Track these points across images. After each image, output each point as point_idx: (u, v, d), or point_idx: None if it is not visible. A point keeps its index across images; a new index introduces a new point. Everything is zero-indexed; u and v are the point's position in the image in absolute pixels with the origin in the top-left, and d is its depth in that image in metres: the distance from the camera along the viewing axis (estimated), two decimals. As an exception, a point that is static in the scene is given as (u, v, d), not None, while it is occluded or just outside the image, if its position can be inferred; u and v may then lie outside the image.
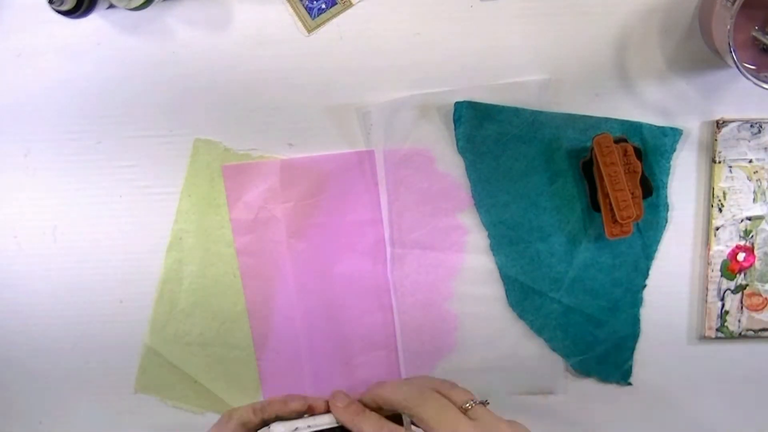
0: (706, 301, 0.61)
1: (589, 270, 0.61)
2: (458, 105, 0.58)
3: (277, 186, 0.60)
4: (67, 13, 0.52)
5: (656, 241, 0.60)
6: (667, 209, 0.60)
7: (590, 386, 0.64)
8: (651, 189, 0.59)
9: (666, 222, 0.60)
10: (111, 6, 0.54)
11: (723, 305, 0.61)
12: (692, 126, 0.59)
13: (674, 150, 0.59)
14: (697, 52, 0.58)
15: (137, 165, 0.61)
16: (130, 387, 0.65)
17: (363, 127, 0.60)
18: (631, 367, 0.63)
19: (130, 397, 0.65)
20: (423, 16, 0.58)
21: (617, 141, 0.57)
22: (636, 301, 0.62)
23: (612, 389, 0.64)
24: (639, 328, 0.62)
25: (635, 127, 0.58)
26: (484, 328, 0.63)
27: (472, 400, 0.53)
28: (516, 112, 0.58)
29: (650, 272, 0.61)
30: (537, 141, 0.59)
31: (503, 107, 0.58)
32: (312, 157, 0.60)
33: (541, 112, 0.58)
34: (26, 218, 0.62)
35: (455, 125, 0.59)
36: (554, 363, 0.63)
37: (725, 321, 0.62)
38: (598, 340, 0.62)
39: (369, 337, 0.63)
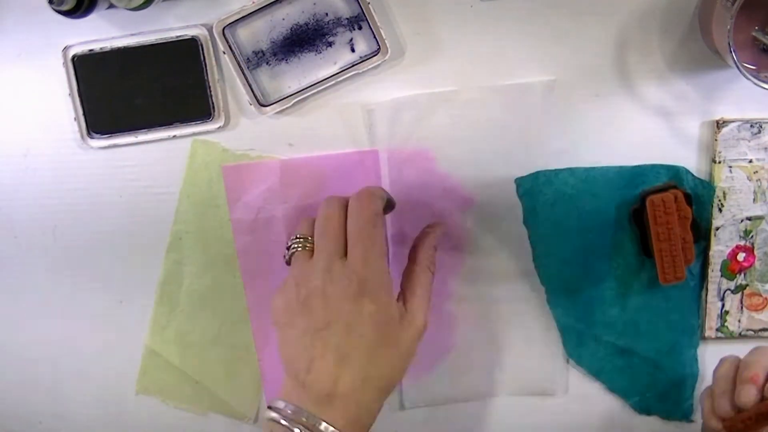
0: (706, 301, 0.61)
1: (642, 313, 0.61)
2: (521, 180, 0.58)
3: (277, 186, 0.60)
4: (67, 13, 0.52)
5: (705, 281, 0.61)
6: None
7: (591, 388, 0.63)
8: (702, 233, 0.59)
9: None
10: (111, 6, 0.53)
11: (723, 305, 0.61)
12: (692, 126, 0.59)
13: (711, 204, 0.59)
14: (697, 52, 0.57)
15: (137, 165, 0.61)
16: (131, 388, 0.65)
17: (366, 126, 0.59)
18: (692, 405, 0.63)
19: (132, 399, 0.65)
20: (423, 15, 0.58)
21: (665, 189, 0.57)
22: (693, 342, 0.62)
23: (612, 389, 0.64)
24: (698, 367, 0.62)
25: (680, 174, 0.59)
26: (484, 328, 0.63)
27: None
28: (571, 172, 0.59)
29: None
30: (589, 196, 0.59)
31: (559, 171, 0.59)
32: (313, 156, 0.60)
33: (593, 168, 0.59)
34: (26, 218, 0.62)
35: (521, 200, 0.59)
36: (555, 364, 0.63)
37: (725, 321, 0.62)
38: (657, 381, 0.61)
39: None
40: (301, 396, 0.47)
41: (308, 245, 0.51)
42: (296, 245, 0.52)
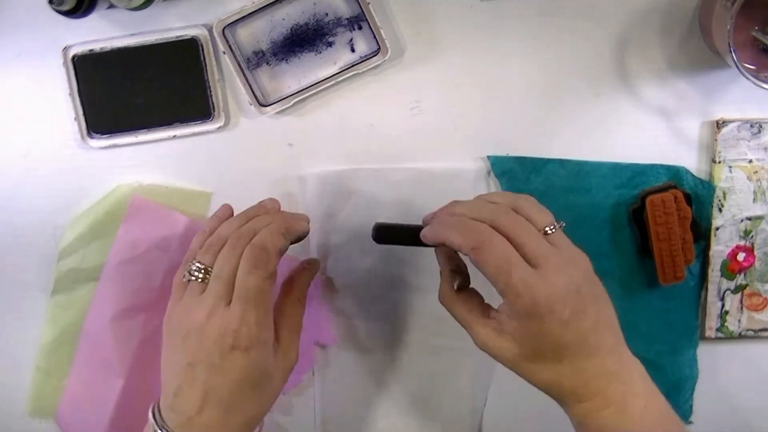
0: (706, 301, 0.62)
1: (642, 314, 0.61)
2: (496, 159, 0.58)
3: (175, 241, 0.60)
4: (67, 13, 0.52)
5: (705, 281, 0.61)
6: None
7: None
8: (702, 233, 0.59)
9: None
10: (111, 6, 0.54)
11: (723, 305, 0.61)
12: (692, 126, 0.59)
13: (711, 204, 0.59)
14: (697, 52, 0.58)
15: (138, 165, 0.61)
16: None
17: (300, 194, 0.60)
18: (691, 406, 0.63)
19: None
20: (423, 15, 0.58)
21: (665, 189, 0.58)
22: (693, 343, 0.62)
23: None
24: (697, 368, 0.62)
25: (681, 174, 0.59)
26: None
27: (553, 225, 0.49)
28: (561, 163, 0.59)
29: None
30: (584, 190, 0.59)
31: (548, 160, 0.58)
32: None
33: (586, 162, 0.59)
34: (26, 218, 0.62)
35: (499, 180, 0.58)
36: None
37: (725, 321, 0.62)
38: (657, 384, 0.61)
39: None
40: (169, 415, 0.50)
41: (206, 279, 0.51)
42: (197, 274, 0.51)
